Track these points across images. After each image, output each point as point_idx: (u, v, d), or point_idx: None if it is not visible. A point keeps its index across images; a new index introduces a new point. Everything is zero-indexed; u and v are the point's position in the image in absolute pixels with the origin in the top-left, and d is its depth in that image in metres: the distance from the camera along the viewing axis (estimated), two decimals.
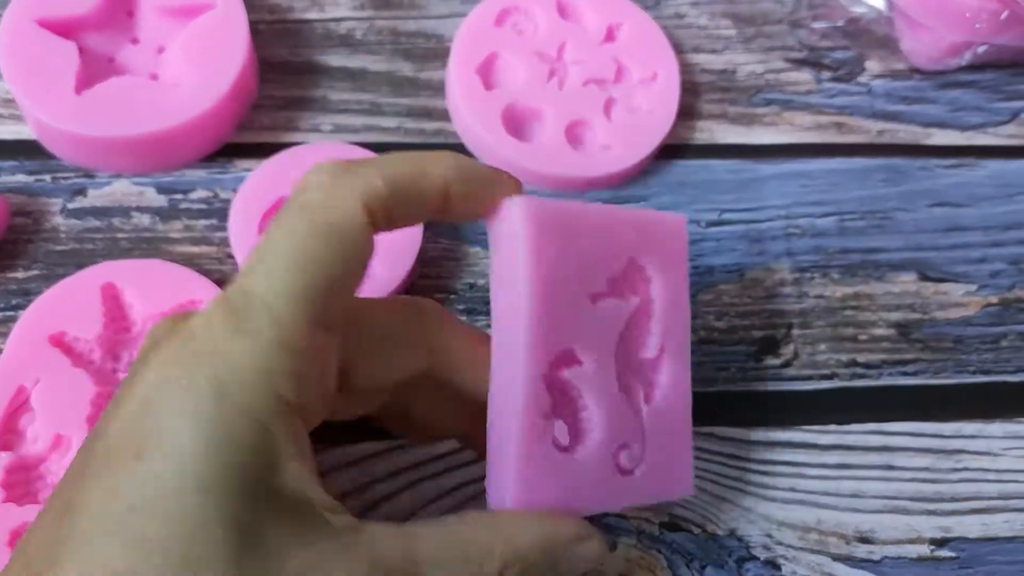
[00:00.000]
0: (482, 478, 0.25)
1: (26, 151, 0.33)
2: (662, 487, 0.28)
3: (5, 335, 0.30)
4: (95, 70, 0.33)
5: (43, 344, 0.29)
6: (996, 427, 0.33)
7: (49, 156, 0.33)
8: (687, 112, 0.37)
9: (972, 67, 0.40)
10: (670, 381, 0.28)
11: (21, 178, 0.33)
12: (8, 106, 0.34)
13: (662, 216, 0.28)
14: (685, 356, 0.28)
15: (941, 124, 0.39)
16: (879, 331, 0.35)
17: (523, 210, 0.25)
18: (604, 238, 0.27)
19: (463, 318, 0.33)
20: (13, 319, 0.30)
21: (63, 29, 0.33)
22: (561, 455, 0.26)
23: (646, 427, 0.28)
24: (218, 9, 0.33)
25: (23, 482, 0.28)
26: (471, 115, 0.35)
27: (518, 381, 0.25)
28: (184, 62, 0.33)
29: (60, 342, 0.29)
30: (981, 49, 0.38)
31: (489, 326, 0.26)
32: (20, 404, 0.28)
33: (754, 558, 0.31)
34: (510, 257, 0.26)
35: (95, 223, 0.32)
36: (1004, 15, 0.36)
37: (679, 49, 0.38)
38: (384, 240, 0.30)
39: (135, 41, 0.34)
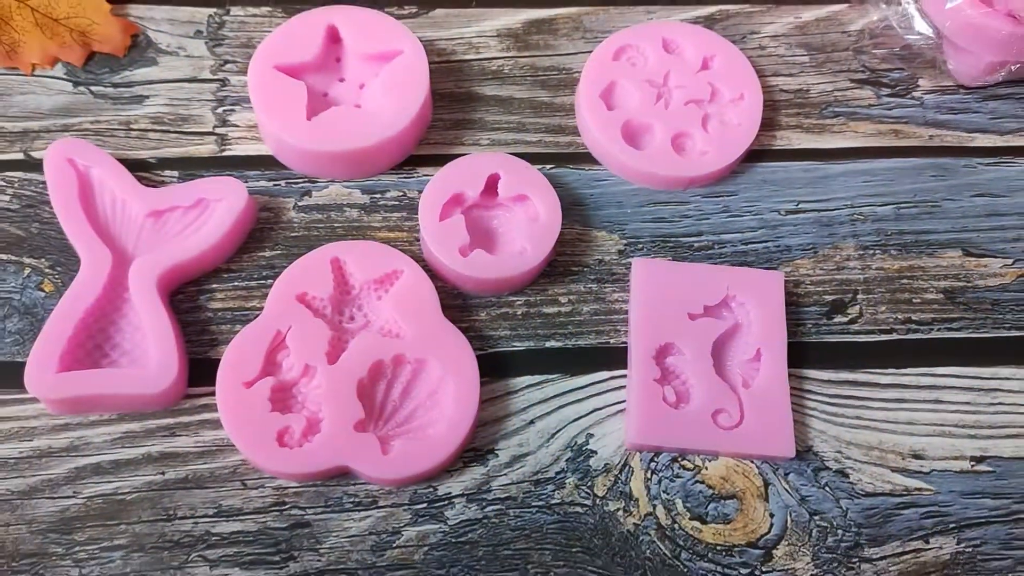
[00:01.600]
0: (610, 404, 0.40)
1: (265, 163, 0.44)
2: (763, 445, 0.39)
3: (261, 296, 0.41)
4: (314, 102, 0.44)
5: (292, 301, 0.39)
6: None
7: (282, 167, 0.44)
8: (768, 124, 0.46)
9: (1008, 82, 0.48)
10: (767, 375, 0.40)
11: (263, 183, 0.44)
12: (252, 131, 0.45)
13: (763, 273, 0.42)
14: (782, 360, 0.40)
15: (983, 130, 0.47)
16: (930, 296, 0.43)
17: (637, 263, 0.41)
18: (702, 282, 0.41)
19: (593, 286, 0.42)
20: (265, 285, 0.41)
21: (292, 72, 0.44)
22: (669, 408, 0.39)
23: (744, 403, 0.39)
24: (406, 55, 0.44)
25: (282, 399, 0.38)
26: (598, 130, 0.44)
27: (633, 357, 0.39)
28: (382, 95, 0.43)
29: (303, 299, 0.40)
30: (1015, 67, 0.45)
31: (615, 291, 0.41)
32: (278, 344, 0.39)
33: (827, 468, 0.39)
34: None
35: (318, 216, 0.43)
36: None
37: (761, 73, 0.47)
38: (531, 223, 0.40)
39: (342, 79, 0.45)
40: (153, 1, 0.48)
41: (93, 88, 0.45)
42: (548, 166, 0.45)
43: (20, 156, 0.43)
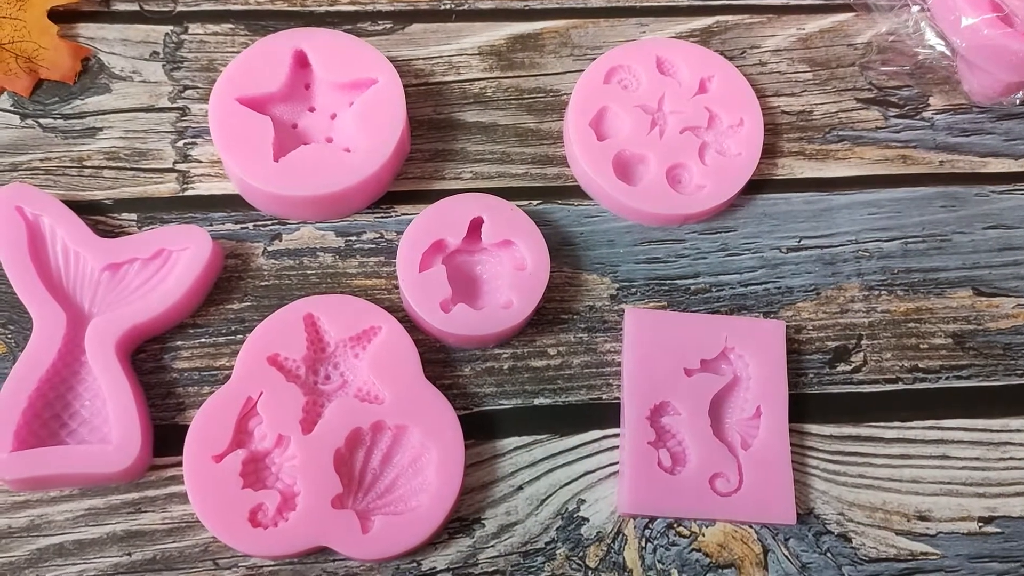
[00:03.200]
0: (602, 467, 0.38)
1: (231, 203, 0.41)
2: (763, 512, 0.37)
3: (230, 354, 0.38)
4: (282, 135, 0.40)
5: (263, 364, 0.37)
6: None
7: (250, 207, 0.41)
8: (769, 150, 0.44)
9: None
10: (767, 434, 0.37)
11: (229, 226, 0.41)
12: (215, 167, 0.42)
13: (762, 322, 0.39)
14: (783, 418, 0.37)
15: (997, 153, 0.44)
16: (938, 340, 0.41)
17: (629, 314, 0.38)
18: (699, 334, 0.38)
19: (584, 336, 0.40)
20: (234, 342, 0.38)
21: (257, 104, 0.40)
22: (664, 474, 0.37)
23: (743, 466, 0.37)
24: (381, 84, 0.41)
25: (255, 472, 0.36)
26: (587, 164, 0.41)
27: (627, 417, 0.37)
28: (355, 130, 0.40)
29: (275, 362, 0.37)
30: None
31: (607, 340, 0.38)
32: (249, 411, 0.37)
33: (829, 532, 0.38)
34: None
35: (289, 262, 0.40)
36: None
37: (762, 93, 0.44)
38: (517, 272, 0.38)
39: (312, 109, 0.42)
40: (104, 19, 0.44)
41: (42, 120, 0.42)
42: (535, 202, 0.42)
43: None
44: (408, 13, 0.45)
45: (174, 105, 0.42)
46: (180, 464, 0.35)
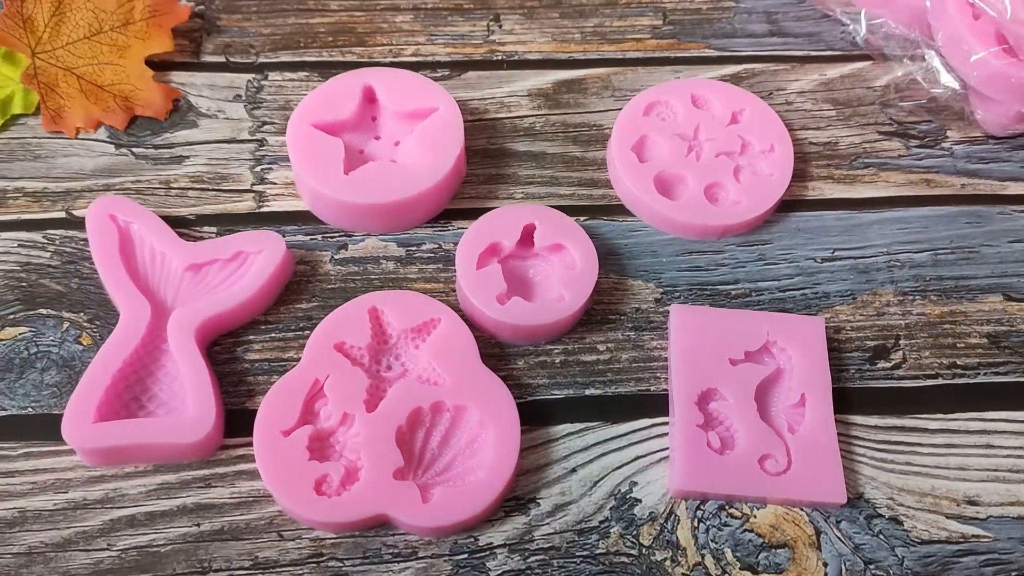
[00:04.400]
0: (652, 452, 0.39)
1: (302, 218, 0.45)
2: (813, 490, 0.37)
3: (298, 348, 0.41)
4: (351, 158, 0.44)
5: (329, 350, 0.39)
6: None
7: (319, 222, 0.45)
8: (800, 175, 0.47)
9: None
10: (813, 419, 0.39)
11: (300, 238, 0.44)
12: (288, 187, 0.45)
13: (802, 318, 0.41)
14: (827, 405, 0.39)
15: (1015, 178, 0.47)
16: (973, 340, 0.42)
17: (675, 310, 0.41)
18: (742, 328, 0.41)
19: (631, 334, 0.42)
20: (302, 336, 0.41)
21: (330, 129, 0.45)
22: (714, 454, 0.38)
23: (791, 448, 0.38)
24: (441, 111, 0.45)
25: (320, 448, 0.38)
26: (631, 181, 0.45)
27: (676, 403, 0.39)
28: (418, 150, 0.44)
29: (341, 348, 0.40)
30: None
31: (654, 339, 0.41)
32: (316, 393, 0.39)
33: (880, 516, 0.38)
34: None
35: (354, 268, 0.43)
36: None
37: (790, 127, 0.48)
38: (568, 271, 0.40)
39: (378, 138, 0.46)
40: (194, 69, 0.49)
41: (135, 150, 0.46)
42: (582, 218, 0.45)
43: (62, 215, 0.44)
44: (464, 63, 0.50)
45: (253, 137, 0.47)
46: (250, 444, 0.37)
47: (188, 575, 0.36)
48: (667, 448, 0.39)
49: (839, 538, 0.37)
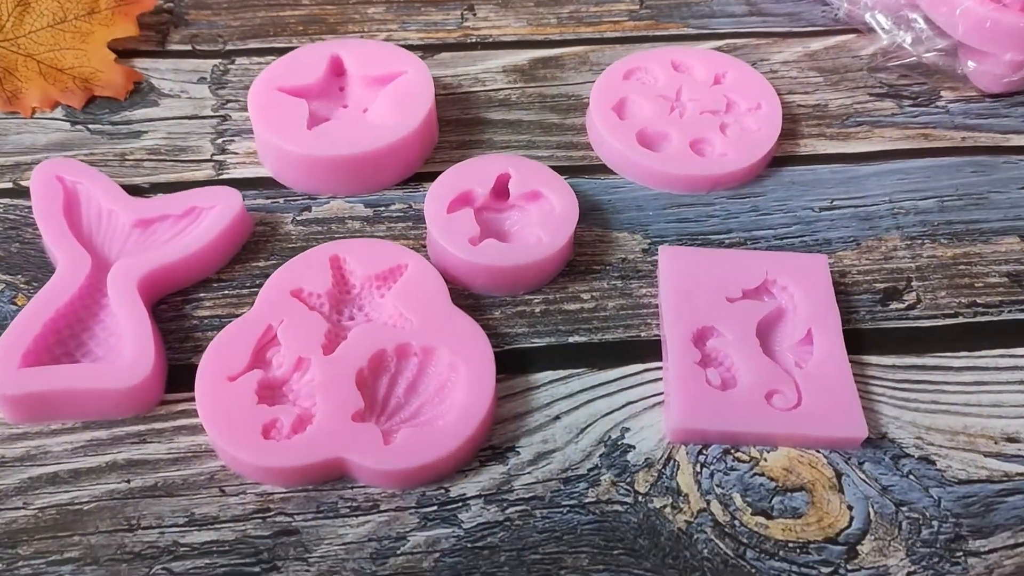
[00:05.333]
0: (645, 397, 0.35)
1: (264, 184, 0.42)
2: (828, 427, 0.33)
3: (252, 304, 0.37)
4: (317, 122, 0.42)
5: (285, 296, 0.36)
6: None
7: (282, 187, 0.42)
8: (790, 134, 0.44)
9: None
10: (823, 354, 0.35)
11: (260, 201, 0.41)
12: (251, 157, 0.43)
13: (803, 256, 0.38)
14: (837, 337, 0.35)
15: (1018, 131, 0.45)
16: (993, 280, 0.39)
17: (664, 251, 0.37)
18: (738, 267, 0.37)
19: (618, 283, 0.38)
20: (257, 293, 0.37)
21: (295, 94, 0.43)
22: (714, 391, 0.34)
23: (800, 383, 0.34)
24: (410, 74, 0.43)
25: (270, 396, 0.34)
26: (612, 137, 0.42)
27: (670, 342, 0.35)
28: (386, 107, 0.42)
29: (298, 295, 0.36)
30: None
31: (642, 286, 0.38)
32: (269, 340, 0.35)
33: (908, 456, 0.33)
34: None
35: (318, 228, 0.40)
36: None
37: (776, 91, 0.46)
38: (547, 215, 0.37)
39: (345, 106, 0.44)
40: (159, 56, 0.48)
41: (91, 126, 0.44)
42: (563, 177, 0.42)
43: (8, 185, 0.41)
44: (437, 46, 0.49)
45: (216, 114, 0.45)
46: (192, 399, 0.33)
47: (112, 532, 0.31)
48: (662, 393, 0.35)
49: (863, 480, 0.33)
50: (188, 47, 0.48)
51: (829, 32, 0.50)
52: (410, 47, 0.48)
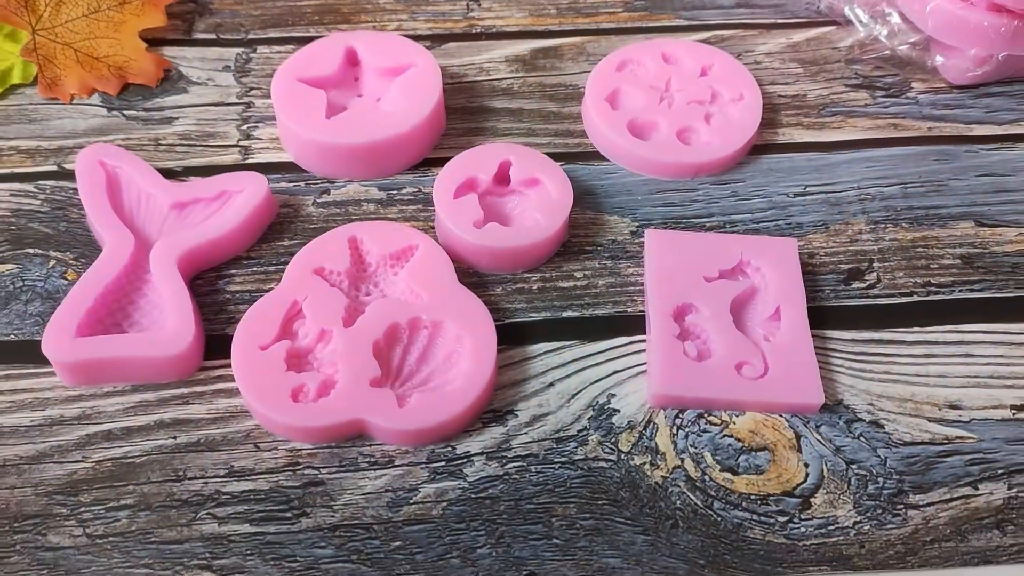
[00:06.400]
0: (630, 367, 0.39)
1: (287, 169, 0.46)
2: (790, 393, 0.37)
3: (279, 280, 0.41)
4: (334, 111, 0.46)
5: (308, 274, 0.40)
6: None
7: (303, 171, 0.46)
8: (769, 123, 0.48)
9: (999, 82, 0.50)
10: (789, 328, 0.39)
11: (284, 185, 0.45)
12: (274, 143, 0.47)
13: (775, 239, 0.42)
14: (802, 314, 0.39)
15: (981, 122, 0.48)
16: (947, 261, 0.43)
17: (650, 234, 0.41)
18: (716, 249, 0.41)
19: (608, 263, 0.43)
20: (283, 269, 0.41)
21: (314, 84, 0.46)
22: (691, 362, 0.38)
23: (767, 355, 0.38)
24: (420, 66, 0.47)
25: (298, 363, 0.38)
26: (605, 126, 0.46)
27: (652, 317, 0.39)
28: (398, 97, 0.46)
29: (320, 273, 0.40)
30: (1002, 56, 0.47)
31: (630, 266, 0.41)
32: (295, 313, 0.39)
33: (860, 420, 0.38)
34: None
35: (336, 210, 0.44)
36: (1013, 26, 0.46)
37: (759, 83, 0.49)
38: (544, 200, 0.41)
39: (360, 95, 0.48)
40: (186, 45, 0.51)
41: (126, 112, 0.48)
42: (559, 163, 0.46)
43: (54, 168, 0.45)
44: (444, 36, 0.52)
45: (241, 101, 0.49)
46: (228, 366, 0.37)
47: (162, 483, 0.36)
48: (644, 364, 0.39)
49: (819, 441, 0.37)
50: (212, 36, 0.52)
51: (811, 24, 0.53)
52: (419, 36, 0.52)
